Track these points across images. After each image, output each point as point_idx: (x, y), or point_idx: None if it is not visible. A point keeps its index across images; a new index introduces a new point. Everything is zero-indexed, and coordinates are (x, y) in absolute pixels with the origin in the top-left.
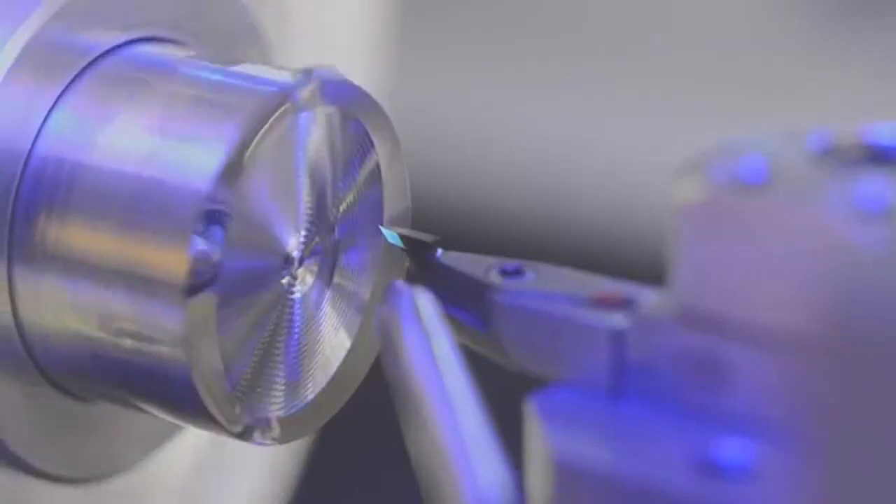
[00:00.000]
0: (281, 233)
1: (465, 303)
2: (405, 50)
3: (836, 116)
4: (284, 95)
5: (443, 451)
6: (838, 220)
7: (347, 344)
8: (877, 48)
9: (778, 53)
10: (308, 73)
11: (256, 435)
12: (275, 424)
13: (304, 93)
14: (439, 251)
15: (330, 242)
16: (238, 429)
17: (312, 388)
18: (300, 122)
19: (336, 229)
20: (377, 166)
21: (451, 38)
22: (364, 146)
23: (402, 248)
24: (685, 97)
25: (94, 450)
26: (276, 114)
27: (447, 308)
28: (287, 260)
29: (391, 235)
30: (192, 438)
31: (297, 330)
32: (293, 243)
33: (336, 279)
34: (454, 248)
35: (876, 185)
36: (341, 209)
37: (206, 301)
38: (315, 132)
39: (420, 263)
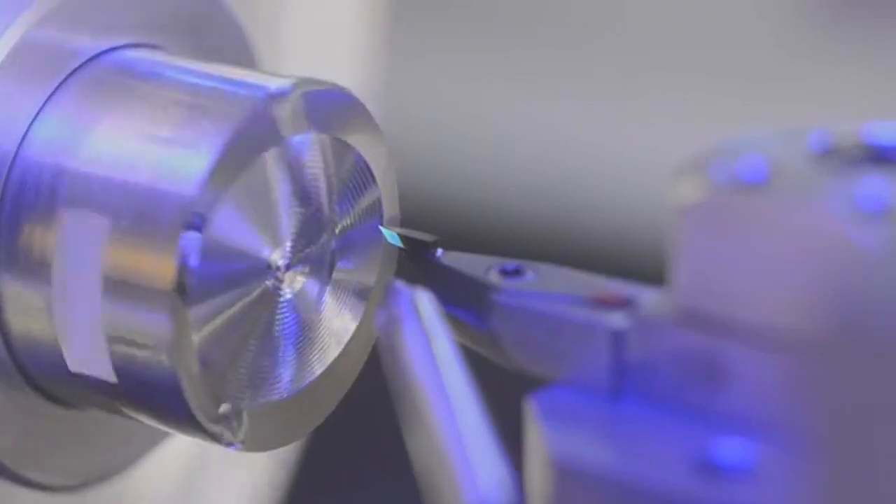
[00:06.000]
0: (269, 237)
1: (465, 303)
2: (404, 51)
3: (836, 116)
4: (272, 101)
5: (443, 451)
6: (838, 220)
7: (340, 345)
8: (877, 48)
9: (778, 53)
10: (296, 79)
11: (244, 443)
12: (263, 430)
13: (292, 99)
14: (439, 251)
15: (324, 245)
16: (225, 436)
17: (305, 392)
18: (287, 128)
19: (330, 232)
20: (371, 169)
21: (450, 38)
22: (356, 151)
23: (402, 248)
24: (685, 97)
25: (82, 457)
26: (263, 119)
27: (447, 308)
28: (275, 264)
29: (391, 235)
30: (182, 443)
31: (288, 334)
32: (281, 248)
33: (330, 281)
34: (454, 248)
35: (876, 185)
36: (336, 211)
37: (193, 307)
38: (303, 138)
39: (420, 263)
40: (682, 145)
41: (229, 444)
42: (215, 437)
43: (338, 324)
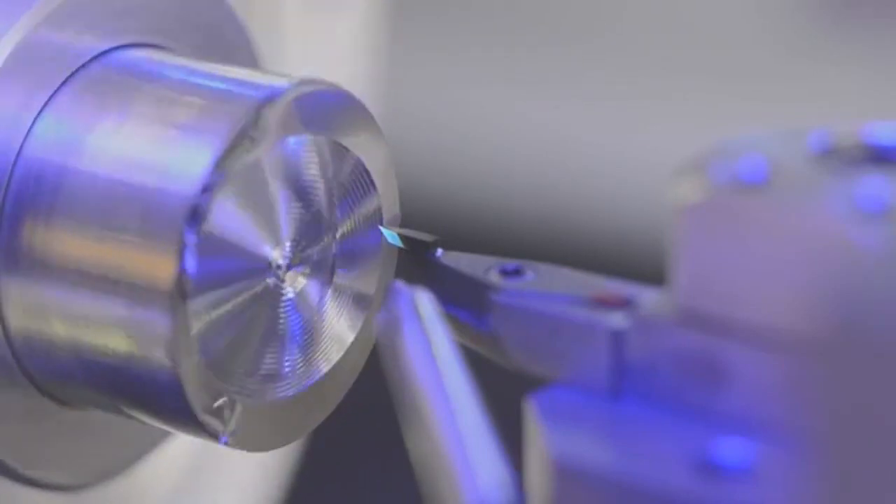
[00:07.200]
0: (269, 236)
1: (465, 303)
2: (405, 51)
3: (836, 116)
4: (273, 101)
5: (443, 451)
6: (838, 220)
7: (343, 347)
8: (877, 48)
9: (778, 53)
10: (297, 79)
11: (244, 441)
12: (263, 430)
13: (292, 99)
14: (439, 251)
15: (325, 246)
16: (226, 436)
17: (305, 392)
18: (286, 129)
19: (331, 235)
20: (371, 172)
21: (451, 38)
22: (354, 155)
23: (402, 248)
24: (685, 97)
25: (83, 456)
26: (264, 120)
27: (447, 308)
28: (275, 264)
29: (391, 235)
30: (183, 443)
31: (292, 333)
32: (282, 247)
33: (332, 281)
34: (454, 248)
35: (876, 185)
36: (336, 213)
37: (193, 306)
38: (302, 139)
39: (420, 263)
40: (682, 145)
41: (219, 437)
42: (207, 430)
43: (341, 325)
